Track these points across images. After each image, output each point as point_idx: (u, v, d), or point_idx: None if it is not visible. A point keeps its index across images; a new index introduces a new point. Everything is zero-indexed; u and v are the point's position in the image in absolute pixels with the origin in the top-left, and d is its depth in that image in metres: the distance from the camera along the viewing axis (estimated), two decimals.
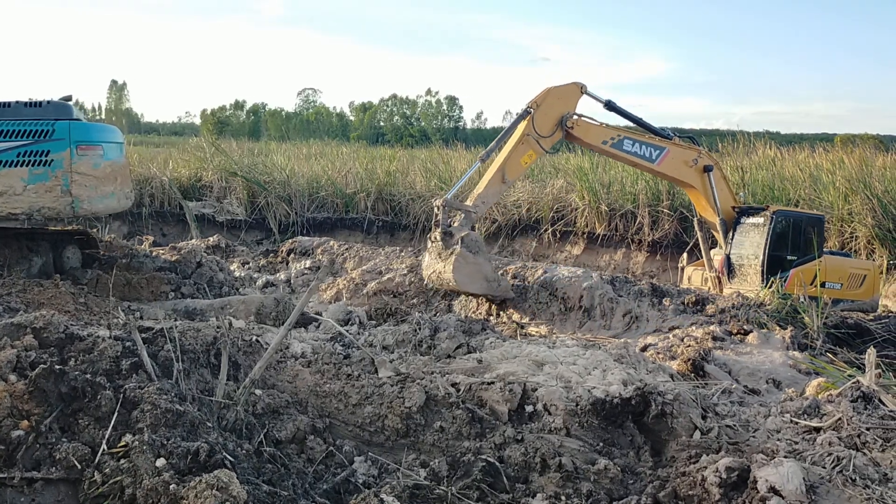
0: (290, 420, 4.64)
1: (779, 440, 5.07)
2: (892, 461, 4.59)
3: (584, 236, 20.90)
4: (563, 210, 21.44)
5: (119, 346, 4.62)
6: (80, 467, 3.60)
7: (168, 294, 9.70)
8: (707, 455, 4.72)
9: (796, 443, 5.02)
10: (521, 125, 12.29)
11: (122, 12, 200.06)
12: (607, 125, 13.00)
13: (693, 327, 9.93)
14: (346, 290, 12.85)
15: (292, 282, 14.23)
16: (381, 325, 9.14)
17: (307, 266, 15.38)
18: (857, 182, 18.34)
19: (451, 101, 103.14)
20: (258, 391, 4.81)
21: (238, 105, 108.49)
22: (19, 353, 4.30)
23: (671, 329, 10.18)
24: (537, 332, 10.66)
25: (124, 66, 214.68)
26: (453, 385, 5.48)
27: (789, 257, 12.99)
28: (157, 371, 4.58)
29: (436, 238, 11.53)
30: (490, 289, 11.42)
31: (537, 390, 5.43)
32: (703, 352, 8.48)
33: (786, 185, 20.26)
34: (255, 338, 5.98)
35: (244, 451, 4.03)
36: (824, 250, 13.59)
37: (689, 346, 8.78)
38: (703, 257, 14.15)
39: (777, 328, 9.61)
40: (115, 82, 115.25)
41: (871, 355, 6.02)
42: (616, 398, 5.35)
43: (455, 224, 11.69)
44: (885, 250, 17.13)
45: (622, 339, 9.96)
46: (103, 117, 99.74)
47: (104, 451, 3.68)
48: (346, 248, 16.10)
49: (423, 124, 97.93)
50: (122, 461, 3.60)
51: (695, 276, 14.22)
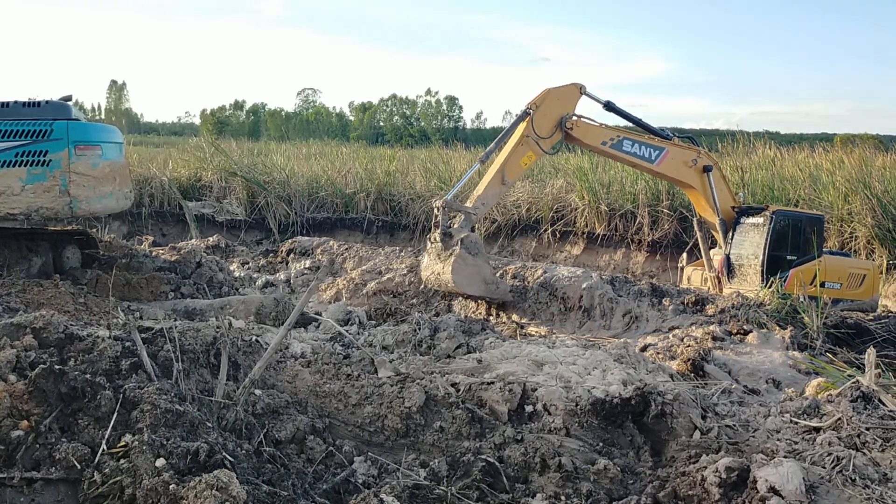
0: (289, 420, 4.64)
1: (778, 440, 5.07)
2: (891, 461, 4.58)
3: (584, 236, 20.90)
4: (563, 210, 21.44)
5: (119, 346, 4.62)
6: (79, 467, 3.59)
7: (168, 294, 9.69)
8: (707, 455, 4.72)
9: (796, 443, 5.01)
10: (521, 126, 12.29)
11: (122, 12, 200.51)
12: (607, 126, 13.00)
13: (693, 327, 9.93)
14: (346, 290, 12.85)
15: (292, 282, 14.22)
16: (381, 325, 9.14)
17: (307, 266, 15.38)
18: (857, 182, 18.34)
19: (451, 101, 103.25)
20: (258, 391, 4.81)
21: (238, 105, 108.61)
22: (19, 353, 4.29)
23: (671, 329, 10.19)
24: (537, 332, 10.66)
25: (124, 66, 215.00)
26: (453, 385, 5.48)
27: (789, 257, 13.00)
28: (157, 371, 4.57)
29: (435, 239, 11.53)
30: (488, 291, 11.42)
31: (537, 390, 5.43)
32: (703, 352, 8.49)
33: (785, 185, 20.26)
34: (254, 338, 5.98)
35: (244, 452, 4.03)
36: (824, 250, 13.60)
37: (688, 346, 8.79)
38: (702, 257, 14.15)
39: (777, 328, 9.62)
40: (114, 82, 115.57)
41: (870, 355, 6.02)
42: (616, 398, 5.35)
43: (455, 225, 11.68)
44: (885, 250, 17.14)
45: (622, 339, 9.96)
46: (103, 117, 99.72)
47: (104, 451, 3.68)
48: (346, 249, 16.09)
49: (422, 124, 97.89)
50: (122, 461, 3.60)
51: (694, 276, 14.22)
